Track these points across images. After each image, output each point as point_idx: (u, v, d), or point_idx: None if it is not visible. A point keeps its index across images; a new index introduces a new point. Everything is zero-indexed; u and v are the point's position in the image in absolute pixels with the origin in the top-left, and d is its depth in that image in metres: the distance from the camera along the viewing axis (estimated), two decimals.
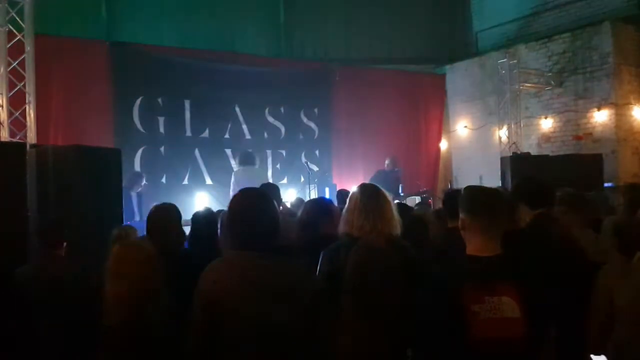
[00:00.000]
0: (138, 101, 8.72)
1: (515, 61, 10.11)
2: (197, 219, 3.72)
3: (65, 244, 3.59)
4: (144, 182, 7.71)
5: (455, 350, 1.92)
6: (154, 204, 3.38)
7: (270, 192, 4.12)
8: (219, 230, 3.26)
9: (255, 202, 2.15)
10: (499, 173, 8.60)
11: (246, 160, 8.01)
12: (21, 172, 4.61)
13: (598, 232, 3.53)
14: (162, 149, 8.98)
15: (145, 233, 3.19)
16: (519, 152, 9.49)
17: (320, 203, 3.64)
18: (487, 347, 1.89)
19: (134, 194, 7.39)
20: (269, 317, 1.96)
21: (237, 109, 9.74)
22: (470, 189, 2.25)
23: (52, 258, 3.51)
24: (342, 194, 6.03)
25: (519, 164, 8.22)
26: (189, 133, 9.30)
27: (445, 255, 2.86)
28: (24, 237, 4.38)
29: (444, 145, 12.29)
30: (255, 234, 2.07)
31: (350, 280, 2.37)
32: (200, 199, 8.79)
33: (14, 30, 6.25)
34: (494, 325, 1.90)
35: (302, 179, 10.08)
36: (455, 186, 11.04)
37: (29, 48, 6.31)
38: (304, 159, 10.18)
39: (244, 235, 2.09)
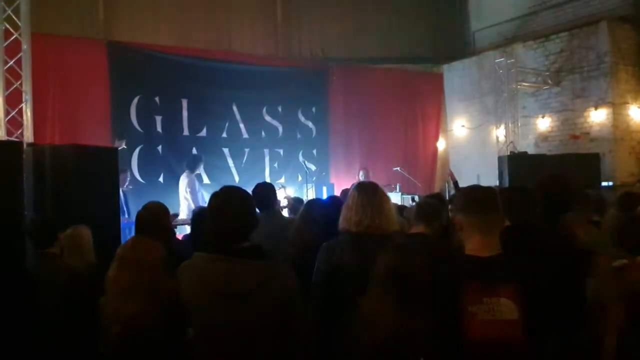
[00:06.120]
0: (135, 100, 8.69)
1: (512, 60, 10.12)
2: (194, 216, 3.79)
3: (57, 242, 3.61)
4: (128, 178, 7.38)
5: (453, 351, 1.91)
6: (150, 201, 3.38)
7: (265, 191, 4.14)
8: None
9: (230, 201, 2.15)
10: (497, 172, 8.63)
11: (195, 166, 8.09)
12: (18, 171, 4.58)
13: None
14: (159, 148, 8.95)
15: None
16: (516, 152, 9.50)
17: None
18: (484, 349, 1.88)
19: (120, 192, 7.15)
20: (234, 319, 1.98)
21: (235, 108, 9.71)
22: (464, 189, 2.25)
23: (46, 257, 3.53)
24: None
25: (516, 163, 8.25)
26: (186, 132, 9.28)
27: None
28: (21, 236, 4.36)
29: (441, 144, 12.29)
30: (225, 234, 2.08)
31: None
32: None
33: (11, 29, 6.21)
34: (492, 327, 1.88)
35: (300, 178, 10.07)
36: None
37: (25, 47, 6.27)
38: (301, 158, 10.18)
39: (216, 234, 2.11)
